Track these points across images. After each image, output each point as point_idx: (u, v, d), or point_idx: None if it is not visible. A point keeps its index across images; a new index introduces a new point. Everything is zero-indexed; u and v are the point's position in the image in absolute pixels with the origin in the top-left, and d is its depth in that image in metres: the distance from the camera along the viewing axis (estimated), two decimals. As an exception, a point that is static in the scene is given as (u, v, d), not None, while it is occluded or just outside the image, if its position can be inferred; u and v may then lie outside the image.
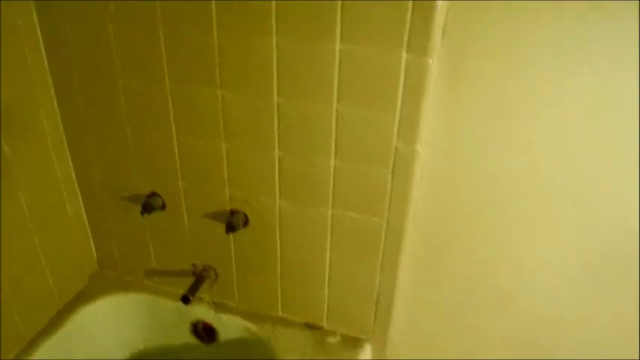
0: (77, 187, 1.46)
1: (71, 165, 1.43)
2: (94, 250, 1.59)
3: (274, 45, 1.07)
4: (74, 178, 1.45)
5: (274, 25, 1.05)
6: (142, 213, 1.35)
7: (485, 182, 1.21)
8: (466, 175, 1.21)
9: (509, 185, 1.20)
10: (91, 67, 1.25)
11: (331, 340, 1.43)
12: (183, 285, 1.47)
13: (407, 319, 1.47)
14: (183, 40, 1.13)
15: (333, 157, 1.16)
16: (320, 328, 1.46)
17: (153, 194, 1.38)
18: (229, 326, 1.50)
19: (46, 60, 1.28)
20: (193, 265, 1.48)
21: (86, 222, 1.53)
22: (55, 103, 1.33)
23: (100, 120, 1.32)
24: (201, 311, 1.52)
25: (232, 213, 1.32)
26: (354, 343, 1.42)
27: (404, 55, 1.01)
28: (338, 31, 1.02)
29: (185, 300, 1.39)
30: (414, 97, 1.05)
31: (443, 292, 1.41)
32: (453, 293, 1.41)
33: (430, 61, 1.01)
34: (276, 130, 1.17)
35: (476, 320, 1.43)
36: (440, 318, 1.46)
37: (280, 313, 1.48)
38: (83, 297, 1.54)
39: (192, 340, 1.57)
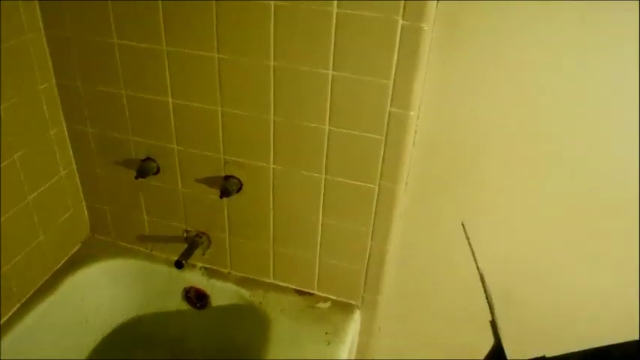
0: (70, 150, 1.46)
1: (65, 126, 1.42)
2: (86, 215, 1.60)
3: (272, 8, 1.07)
4: (67, 140, 1.45)
5: (271, -13, 1.06)
6: (136, 177, 1.36)
7: (478, 147, 1.23)
8: (459, 141, 1.23)
9: (501, 150, 1.22)
10: (86, 25, 1.24)
11: (322, 305, 1.46)
12: (176, 251, 1.48)
13: (397, 285, 1.50)
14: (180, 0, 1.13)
15: (327, 122, 1.18)
16: (311, 295, 1.48)
17: (148, 159, 1.38)
18: (221, 292, 1.52)
19: (40, 19, 1.27)
20: (186, 231, 1.49)
21: (79, 185, 1.53)
22: (50, 61, 1.32)
23: (95, 81, 1.31)
24: (193, 277, 1.54)
25: (226, 178, 1.33)
26: (344, 308, 1.45)
27: (400, 20, 1.02)
28: (335, -4, 1.03)
29: (178, 265, 1.40)
30: (408, 63, 1.06)
31: (434, 257, 1.44)
32: (445, 259, 1.44)
33: (425, 26, 1.02)
34: (271, 94, 1.18)
35: (468, 284, 1.46)
36: (431, 284, 1.49)
37: (272, 279, 1.50)
38: (76, 261, 1.55)
39: (184, 305, 1.59)
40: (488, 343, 1.56)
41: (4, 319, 1.36)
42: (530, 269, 1.37)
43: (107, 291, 1.59)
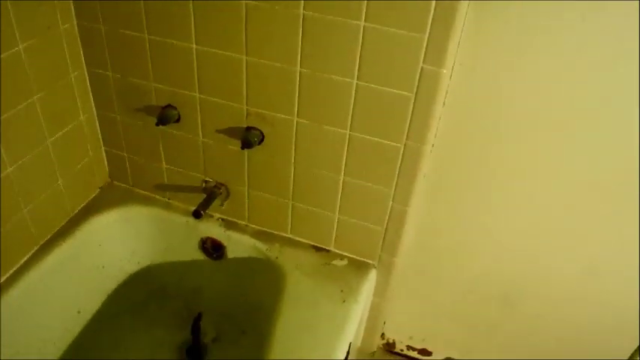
0: (91, 94, 1.44)
1: (85, 70, 1.40)
2: (105, 161, 1.59)
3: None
4: (88, 84, 1.42)
5: None
6: (157, 124, 1.33)
7: (508, 115, 1.19)
8: (490, 106, 1.19)
9: (532, 122, 1.18)
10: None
11: (338, 262, 1.45)
12: (194, 201, 1.47)
13: (414, 248, 1.49)
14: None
15: (355, 76, 1.14)
16: (327, 251, 1.47)
17: (168, 106, 1.36)
18: (238, 244, 1.52)
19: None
20: (205, 181, 1.48)
21: (99, 131, 1.51)
22: (72, 3, 1.29)
23: (117, 24, 1.28)
24: (210, 228, 1.53)
25: (248, 129, 1.31)
26: (360, 267, 1.44)
27: (439, -29, 0.97)
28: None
29: (197, 215, 1.39)
30: (445, 17, 1.01)
31: (454, 224, 1.42)
32: (465, 227, 1.42)
33: (465, -21, 0.97)
34: (299, 45, 1.13)
35: (486, 254, 1.44)
36: (448, 250, 1.48)
37: (289, 233, 1.49)
38: (94, 207, 1.55)
39: (200, 255, 1.59)
40: (501, 316, 1.56)
41: (22, 261, 1.37)
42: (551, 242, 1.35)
43: (124, 238, 1.59)
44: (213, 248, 1.55)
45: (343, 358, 1.25)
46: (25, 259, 1.38)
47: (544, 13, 1.03)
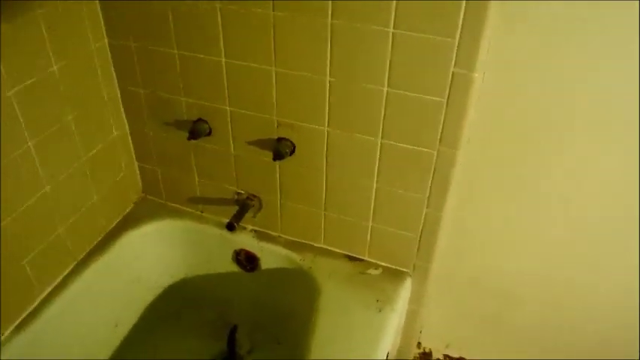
0: (123, 111, 1.46)
1: (117, 87, 1.42)
2: (138, 176, 1.61)
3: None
4: (120, 100, 1.44)
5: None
6: (188, 138, 1.35)
7: (540, 120, 1.17)
8: (521, 111, 1.18)
9: (560, 118, 1.16)
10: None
11: (372, 271, 1.44)
12: (226, 213, 1.48)
13: (449, 254, 1.47)
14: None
15: (386, 83, 1.13)
16: (361, 261, 1.46)
17: (199, 120, 1.37)
18: (271, 255, 1.52)
19: (93, -21, 1.25)
20: (237, 193, 1.48)
21: (131, 147, 1.53)
22: (102, 22, 1.31)
23: (147, 41, 1.29)
24: (244, 239, 1.53)
25: (279, 140, 1.31)
26: (395, 275, 1.43)
27: (468, -24, 0.96)
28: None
29: (230, 227, 1.40)
30: (476, 21, 1.00)
31: (487, 228, 1.40)
32: (497, 231, 1.39)
33: (495, -19, 0.96)
34: (328, 54, 1.13)
35: (520, 259, 1.42)
36: (484, 254, 1.45)
37: (322, 243, 1.49)
38: (129, 221, 1.57)
39: (234, 267, 1.59)
40: (536, 321, 1.53)
41: (61, 277, 1.39)
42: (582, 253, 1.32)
43: (159, 251, 1.61)
44: (247, 260, 1.55)
45: (381, 368, 1.24)
46: (64, 275, 1.40)
47: (572, 14, 1.02)
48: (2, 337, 1.25)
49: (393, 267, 1.44)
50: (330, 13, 1.08)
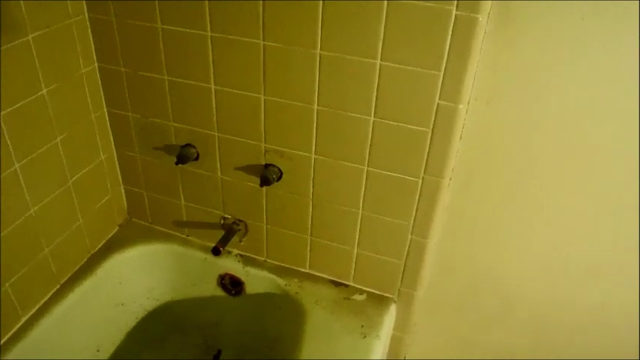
0: (111, 134, 1.47)
1: (106, 111, 1.42)
2: (124, 198, 1.60)
3: (320, -2, 1.05)
4: (108, 124, 1.45)
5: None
6: (176, 163, 1.35)
7: (526, 145, 1.19)
8: (506, 138, 1.20)
9: (549, 151, 1.18)
10: (129, 9, 1.23)
11: (357, 297, 1.45)
12: (212, 238, 1.48)
13: (435, 281, 1.48)
14: (226, -13, 1.12)
15: (372, 113, 1.15)
16: (346, 286, 1.47)
17: (188, 145, 1.38)
18: (256, 280, 1.52)
19: (84, 3, 1.26)
20: (224, 218, 1.49)
21: (118, 169, 1.53)
22: (93, 47, 1.32)
23: (137, 66, 1.31)
24: (229, 264, 1.53)
25: (267, 166, 1.32)
26: (380, 301, 1.44)
27: (453, 10, 0.99)
28: (387, -15, 1.00)
29: (216, 252, 1.40)
30: (461, 55, 1.03)
31: (474, 255, 1.41)
32: (485, 256, 1.41)
33: (480, 17, 0.99)
34: (316, 84, 1.15)
35: (507, 284, 1.43)
36: (469, 281, 1.46)
37: (308, 269, 1.49)
38: (114, 244, 1.56)
39: (218, 291, 1.59)
40: (526, 344, 1.54)
41: (44, 300, 1.38)
42: (574, 271, 1.34)
43: (143, 275, 1.60)
44: (232, 284, 1.55)
45: (366, 395, 1.24)
46: (46, 298, 1.39)
47: (557, 46, 1.04)
48: (-18, 362, 1.23)
49: (378, 293, 1.45)
50: (319, 44, 1.10)
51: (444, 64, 1.04)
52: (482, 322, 1.54)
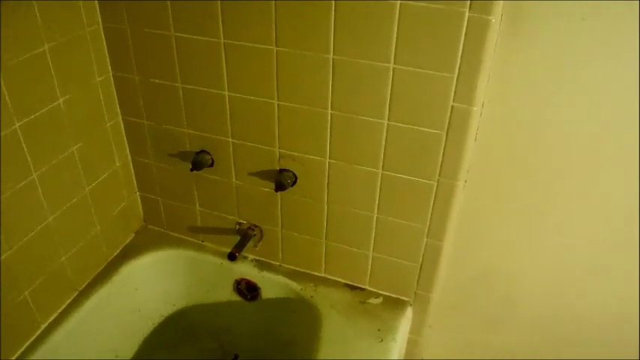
0: (126, 142, 1.48)
1: (121, 119, 1.44)
2: (140, 205, 1.62)
3: (332, 2, 1.05)
4: (123, 132, 1.46)
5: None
6: (191, 170, 1.36)
7: (540, 147, 1.19)
8: (521, 139, 1.19)
9: (563, 152, 1.18)
10: (143, 18, 1.24)
11: (373, 301, 1.44)
12: (228, 243, 1.49)
13: (450, 283, 1.47)
14: (240, -6, 1.12)
15: (386, 116, 1.15)
16: (362, 290, 1.47)
17: (202, 151, 1.38)
18: (272, 284, 1.52)
19: (98, 12, 1.27)
20: (239, 223, 1.49)
21: (133, 176, 1.55)
22: (107, 56, 1.33)
23: (151, 74, 1.32)
24: (244, 269, 1.54)
25: (281, 171, 1.32)
26: (395, 304, 1.43)
27: (466, 12, 0.98)
28: (400, -13, 1.00)
29: (232, 257, 1.40)
30: (474, 57, 1.03)
31: (489, 257, 1.41)
32: (500, 259, 1.40)
33: (493, 19, 0.98)
34: (330, 88, 1.16)
35: (522, 286, 1.42)
36: (484, 284, 1.46)
37: (323, 273, 1.49)
38: (130, 251, 1.57)
39: (234, 297, 1.60)
40: (539, 347, 1.53)
41: (62, 308, 1.39)
42: (585, 271, 1.33)
43: (159, 281, 1.61)
44: (247, 289, 1.55)
45: (383, 399, 1.24)
46: (64, 305, 1.40)
47: (570, 47, 1.04)
48: (3, 369, 1.25)
49: (394, 296, 1.45)
50: (331, 49, 1.10)
51: (458, 66, 1.04)
52: (492, 322, 1.54)
